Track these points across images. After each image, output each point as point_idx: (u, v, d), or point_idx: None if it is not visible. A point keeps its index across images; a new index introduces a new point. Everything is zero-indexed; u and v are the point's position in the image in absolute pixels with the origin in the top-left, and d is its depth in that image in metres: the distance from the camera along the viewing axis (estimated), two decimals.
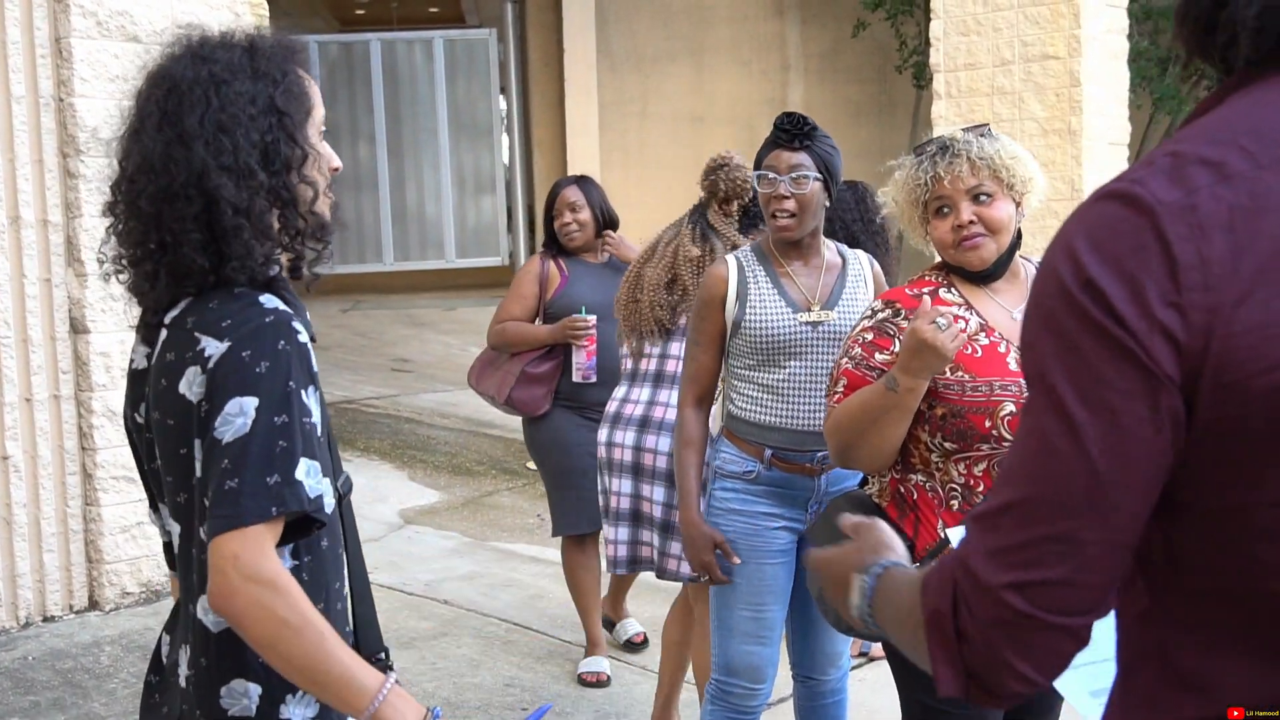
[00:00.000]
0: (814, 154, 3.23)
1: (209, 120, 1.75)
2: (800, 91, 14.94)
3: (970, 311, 2.69)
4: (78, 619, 5.08)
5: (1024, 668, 1.17)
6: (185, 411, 1.75)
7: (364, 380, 10.39)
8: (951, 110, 7.92)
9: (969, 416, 2.58)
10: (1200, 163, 1.12)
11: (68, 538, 5.10)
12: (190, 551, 1.80)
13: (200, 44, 1.82)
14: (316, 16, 19.61)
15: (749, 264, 3.30)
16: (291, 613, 1.65)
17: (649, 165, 14.68)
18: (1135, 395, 1.11)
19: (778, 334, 3.22)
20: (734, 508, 3.27)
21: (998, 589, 1.16)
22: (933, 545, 2.64)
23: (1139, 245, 1.11)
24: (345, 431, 8.53)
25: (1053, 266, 1.17)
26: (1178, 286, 1.09)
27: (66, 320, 5.08)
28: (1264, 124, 1.14)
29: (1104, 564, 1.15)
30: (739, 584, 3.25)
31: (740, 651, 3.27)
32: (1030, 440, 1.17)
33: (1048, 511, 1.15)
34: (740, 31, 14.81)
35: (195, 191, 1.75)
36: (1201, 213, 1.10)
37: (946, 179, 2.65)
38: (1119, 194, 1.14)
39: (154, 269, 1.80)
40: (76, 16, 4.98)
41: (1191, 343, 1.09)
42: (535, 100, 14.96)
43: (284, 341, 1.74)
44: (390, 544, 6.25)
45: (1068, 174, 7.51)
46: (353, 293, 14.94)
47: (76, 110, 4.99)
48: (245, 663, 1.78)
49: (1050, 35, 7.55)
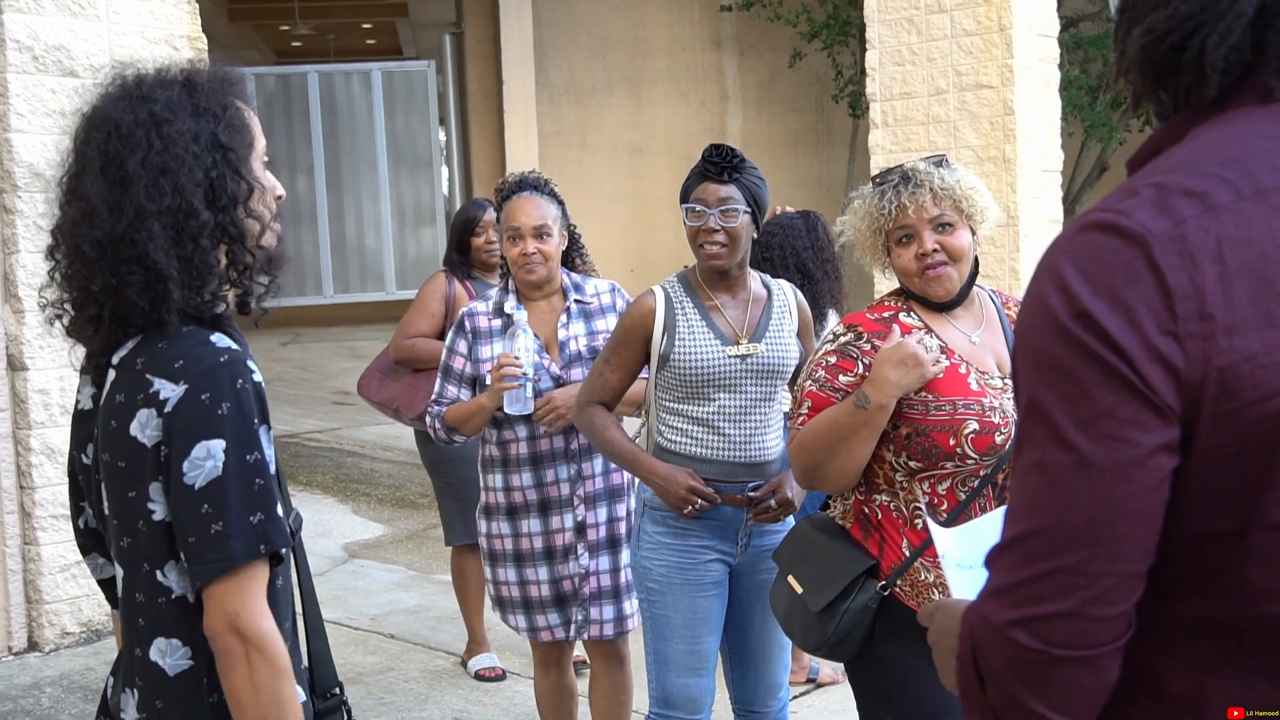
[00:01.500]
0: (742, 186, 3.22)
1: (150, 163, 1.74)
2: (739, 121, 15.06)
3: (931, 335, 2.75)
4: (17, 660, 5.00)
5: (1041, 707, 1.16)
6: (138, 454, 1.74)
7: (306, 414, 10.31)
8: (888, 139, 8.02)
9: (933, 435, 2.63)
10: (1184, 194, 1.13)
11: (6, 578, 5.02)
12: (134, 596, 1.79)
13: (137, 83, 1.81)
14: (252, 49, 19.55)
15: (677, 296, 3.31)
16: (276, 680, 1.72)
17: (590, 196, 14.70)
18: (1137, 424, 1.11)
19: (707, 368, 3.23)
20: (666, 541, 3.26)
21: (1004, 627, 1.16)
22: (897, 564, 2.68)
23: (1132, 275, 1.11)
24: (288, 466, 8.46)
25: (1041, 298, 1.16)
26: (1174, 316, 1.10)
27: (4, 357, 5.01)
28: (1238, 155, 1.15)
29: (1115, 594, 1.14)
30: (674, 618, 3.25)
31: (677, 684, 3.27)
32: (1031, 475, 1.16)
33: (1054, 544, 1.14)
34: (678, 63, 14.91)
35: (137, 235, 1.74)
36: (1191, 243, 1.11)
37: (910, 208, 2.72)
38: (1106, 225, 1.15)
39: (98, 312, 1.79)
40: (12, 51, 4.94)
41: (1190, 372, 1.10)
42: (475, 132, 14.96)
43: (241, 380, 1.75)
44: (335, 578, 6.20)
45: (1003, 201, 7.61)
46: (293, 326, 14.83)
47: (13, 146, 4.94)
48: (200, 705, 1.78)
49: (983, 65, 7.67)
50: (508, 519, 3.74)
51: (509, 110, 14.33)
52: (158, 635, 1.77)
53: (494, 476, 3.76)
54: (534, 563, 3.73)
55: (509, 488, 3.72)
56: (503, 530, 3.75)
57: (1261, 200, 1.13)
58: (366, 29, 19.31)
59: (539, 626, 3.77)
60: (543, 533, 3.71)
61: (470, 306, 3.81)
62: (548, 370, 3.67)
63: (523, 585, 3.74)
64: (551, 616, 3.74)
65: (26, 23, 4.97)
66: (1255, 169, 1.14)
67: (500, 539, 3.76)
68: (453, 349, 3.79)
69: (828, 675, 4.87)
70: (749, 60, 15.04)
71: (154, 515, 1.74)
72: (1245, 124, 1.18)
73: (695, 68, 14.97)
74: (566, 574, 3.70)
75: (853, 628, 2.69)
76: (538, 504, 3.70)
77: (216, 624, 1.71)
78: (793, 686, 4.76)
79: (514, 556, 3.74)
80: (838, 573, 2.71)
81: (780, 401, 3.37)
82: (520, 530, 3.72)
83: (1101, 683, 1.16)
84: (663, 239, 14.45)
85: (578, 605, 3.72)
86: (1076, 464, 1.12)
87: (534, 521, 3.71)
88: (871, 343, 2.72)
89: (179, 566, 1.76)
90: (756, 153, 15.07)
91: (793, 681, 4.77)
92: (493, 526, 3.78)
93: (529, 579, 3.73)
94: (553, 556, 3.71)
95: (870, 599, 2.68)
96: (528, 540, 3.72)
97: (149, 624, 1.77)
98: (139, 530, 1.75)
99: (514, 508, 3.72)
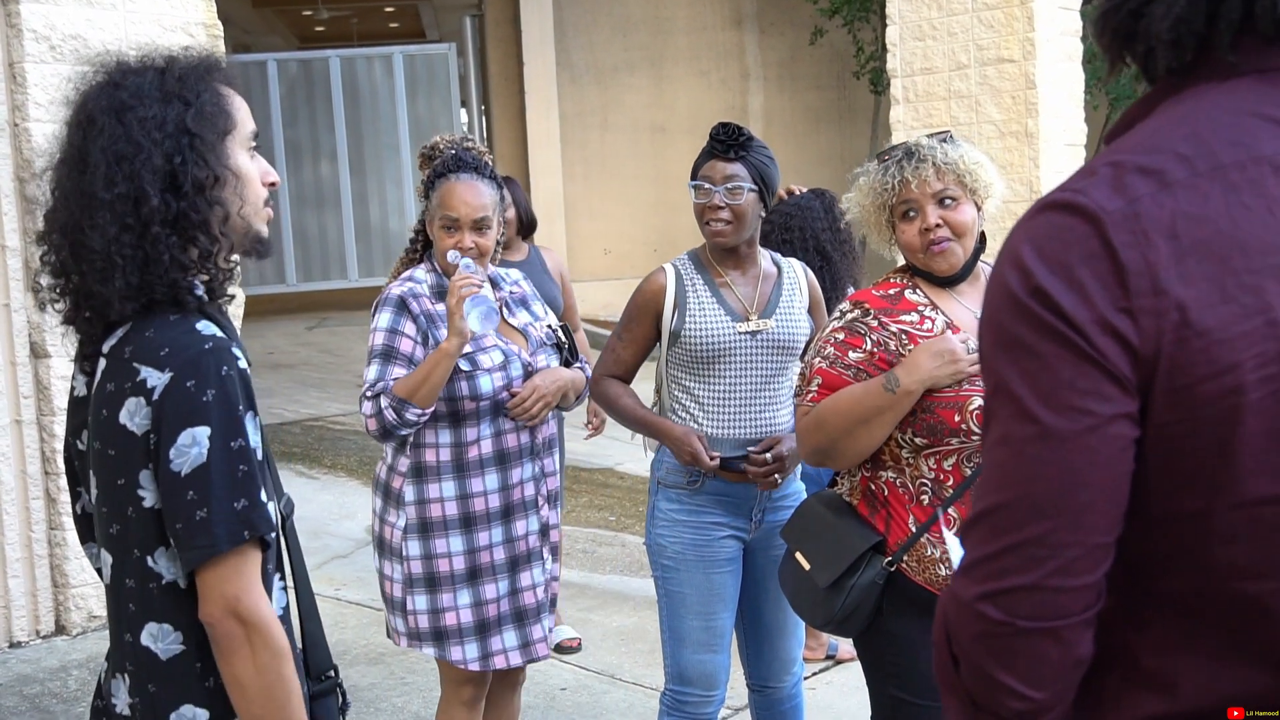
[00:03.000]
0: (749, 165, 3.24)
1: (108, 149, 1.75)
2: (760, 100, 15.02)
3: (935, 311, 2.76)
4: (45, 644, 5.05)
5: (1009, 680, 1.17)
6: (127, 442, 1.76)
7: (330, 398, 10.36)
8: (909, 115, 7.99)
9: (938, 411, 2.64)
10: (1139, 171, 1.14)
11: (33, 563, 5.08)
12: (124, 582, 1.81)
13: (114, 70, 1.82)
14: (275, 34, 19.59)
15: (687, 273, 3.33)
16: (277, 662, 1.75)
17: (611, 176, 14.72)
18: (1096, 394, 1.12)
19: (717, 343, 3.25)
20: (680, 519, 3.28)
21: (972, 602, 1.17)
22: (904, 540, 2.70)
23: (1087, 253, 1.12)
24: (312, 449, 8.51)
25: (1001, 277, 1.18)
26: (1127, 292, 1.11)
27: (27, 345, 5.06)
28: (1199, 132, 1.15)
29: (1081, 565, 1.15)
30: (689, 594, 3.27)
31: (693, 661, 3.29)
32: (997, 449, 1.18)
33: (1018, 517, 1.15)
34: (699, 41, 14.88)
35: (84, 222, 1.76)
36: (1145, 220, 1.11)
37: (914, 183, 2.73)
38: (1062, 204, 1.16)
39: (76, 299, 1.81)
40: (30, 41, 4.97)
41: (1144, 347, 1.11)
42: (496, 113, 14.97)
43: (226, 367, 1.76)
44: (358, 560, 6.24)
45: (1026, 176, 7.58)
46: (318, 310, 14.90)
47: (32, 135, 4.97)
48: (194, 688, 1.81)
49: (1005, 39, 7.62)
50: (461, 533, 3.22)
51: (530, 91, 14.34)
52: (149, 620, 1.79)
53: (437, 486, 3.22)
54: (494, 577, 3.24)
55: (465, 495, 3.21)
56: (452, 548, 3.21)
57: (1219, 177, 1.13)
58: (389, 12, 19.32)
59: (493, 651, 3.27)
60: (505, 541, 3.25)
61: (408, 288, 3.27)
62: (519, 357, 3.28)
63: (477, 607, 3.23)
64: (509, 637, 3.28)
65: (43, 12, 5.00)
66: (1215, 145, 1.14)
67: (446, 559, 3.22)
68: (395, 329, 3.22)
69: (846, 652, 4.88)
70: (770, 38, 14.99)
71: (144, 502, 1.77)
72: (1210, 99, 1.18)
73: (716, 46, 14.94)
74: (530, 584, 3.29)
75: (860, 603, 2.72)
76: (500, 510, 3.24)
77: (215, 610, 1.73)
78: (811, 663, 4.80)
79: (467, 575, 3.22)
80: (845, 549, 2.74)
81: (792, 377, 3.37)
82: (477, 544, 3.22)
83: (1070, 655, 1.17)
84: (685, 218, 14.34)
85: (549, 615, 3.37)
86: (1038, 435, 1.13)
87: (495, 530, 3.24)
88: (879, 319, 2.74)
89: (169, 552, 1.78)
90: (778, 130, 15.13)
91: (811, 658, 4.80)
92: (434, 545, 3.22)
93: (486, 598, 3.24)
94: (516, 566, 3.27)
95: (877, 575, 2.70)
96: (487, 554, 3.23)
97: (139, 609, 1.80)
98: (129, 517, 1.78)
99: (470, 518, 3.22)
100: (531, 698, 4.61)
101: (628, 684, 4.76)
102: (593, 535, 6.76)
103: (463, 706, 3.35)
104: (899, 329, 2.72)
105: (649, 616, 5.44)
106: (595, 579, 6.06)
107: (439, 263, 3.32)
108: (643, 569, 6.18)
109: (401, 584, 3.26)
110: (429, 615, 3.24)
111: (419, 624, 3.25)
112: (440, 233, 3.29)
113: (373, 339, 3.25)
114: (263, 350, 12.09)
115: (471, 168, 3.32)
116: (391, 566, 3.28)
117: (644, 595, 5.71)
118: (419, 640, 3.27)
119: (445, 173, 3.32)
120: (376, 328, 3.25)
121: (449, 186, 3.29)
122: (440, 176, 3.32)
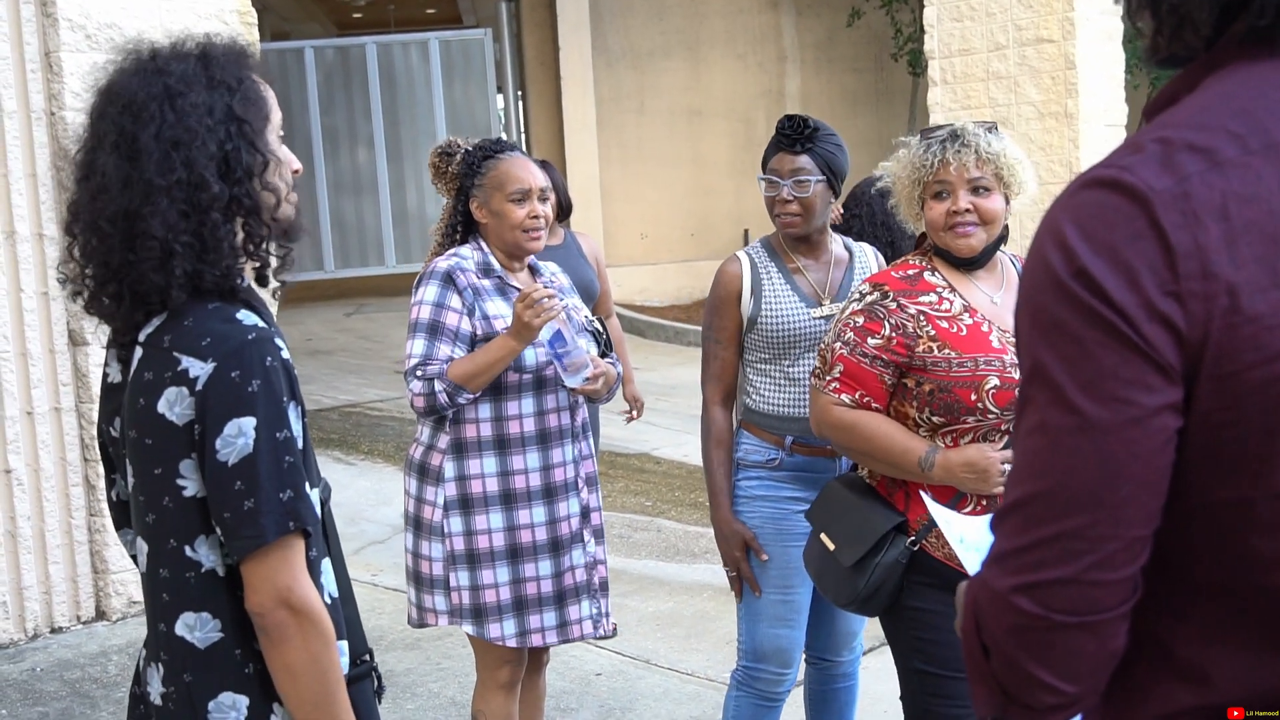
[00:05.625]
0: (816, 156, 3.27)
1: (163, 136, 1.75)
2: (797, 83, 14.94)
3: (953, 294, 2.80)
4: (85, 629, 5.11)
5: (1044, 674, 1.14)
6: (166, 432, 1.76)
7: (368, 384, 10.41)
8: (948, 97, 7.91)
9: (955, 391, 2.70)
10: (1189, 149, 1.09)
11: (73, 549, 5.12)
12: (159, 572, 1.81)
13: (153, 56, 1.81)
14: (313, 21, 19.65)
15: (760, 260, 3.36)
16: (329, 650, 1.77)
17: (647, 161, 14.68)
18: (1140, 384, 1.08)
19: (793, 328, 3.28)
20: (759, 494, 3.31)
21: (1006, 594, 1.13)
22: (923, 518, 2.75)
23: (1134, 233, 1.08)
24: (350, 435, 8.55)
25: (1042, 256, 1.13)
26: (1175, 275, 1.06)
27: (65, 333, 5.10)
28: (1249, 108, 1.11)
29: (1119, 559, 1.11)
30: (767, 568, 3.29)
31: (769, 635, 3.31)
32: (1032, 437, 1.13)
33: (1055, 508, 1.11)
34: (735, 24, 14.80)
35: (144, 210, 1.75)
36: (1195, 200, 1.07)
37: (953, 165, 2.77)
38: (1108, 181, 1.11)
39: (118, 289, 1.80)
40: (65, 30, 5.00)
41: (1191, 332, 1.07)
42: (532, 99, 14.97)
43: (270, 358, 1.76)
44: (395, 545, 6.25)
45: (1065, 157, 7.49)
46: (356, 296, 14.97)
47: (68, 124, 5.00)
48: (233, 676, 1.81)
49: (1043, 18, 7.53)
50: (502, 509, 3.26)
51: (566, 76, 14.31)
52: (185, 610, 1.79)
53: (478, 461, 3.26)
54: (534, 557, 3.29)
55: (506, 471, 3.26)
56: (491, 524, 3.26)
57: (1271, 155, 1.08)
58: None
59: (531, 629, 3.32)
60: (547, 522, 3.30)
61: (454, 262, 3.30)
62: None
63: (516, 584, 3.28)
64: (549, 616, 3.32)
65: (79, 1, 5.03)
66: (1267, 122, 1.10)
67: (486, 535, 3.26)
68: (441, 304, 3.23)
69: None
70: (806, 20, 14.90)
71: (184, 492, 1.77)
72: (1260, 74, 1.13)
73: (752, 29, 14.86)
74: (571, 565, 3.33)
75: (883, 582, 2.78)
76: (541, 490, 3.29)
77: (266, 600, 1.74)
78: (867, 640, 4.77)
79: (507, 553, 3.27)
80: (868, 530, 2.81)
81: None
82: (517, 521, 3.27)
83: (1106, 649, 1.14)
84: (722, 202, 14.40)
85: (589, 598, 3.39)
86: (1078, 426, 1.09)
87: (537, 510, 3.28)
88: (898, 301, 2.77)
89: (209, 541, 1.78)
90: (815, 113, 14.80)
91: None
92: (474, 522, 3.26)
93: (525, 575, 3.29)
94: (558, 548, 3.31)
95: (900, 554, 2.77)
96: (528, 532, 3.28)
97: (174, 599, 1.80)
98: (165, 506, 1.78)
99: (511, 495, 3.26)
100: (566, 683, 4.61)
101: (663, 669, 4.76)
102: (629, 520, 6.75)
103: (500, 690, 3.39)
104: (917, 310, 2.75)
105: (685, 601, 5.44)
106: (631, 564, 6.06)
107: (504, 238, 3.35)
108: (679, 554, 6.18)
109: (443, 561, 3.29)
110: (470, 591, 3.28)
111: (462, 600, 3.28)
112: (509, 206, 3.32)
113: (417, 312, 3.25)
114: (301, 337, 12.16)
115: (510, 147, 3.41)
116: (431, 545, 3.30)
117: (679, 580, 5.71)
118: (460, 617, 3.30)
119: (495, 152, 3.40)
120: (422, 301, 3.26)
121: (510, 161, 3.37)
122: (490, 157, 3.39)
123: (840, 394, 2.80)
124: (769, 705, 3.36)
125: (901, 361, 2.74)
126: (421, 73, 14.40)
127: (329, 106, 14.33)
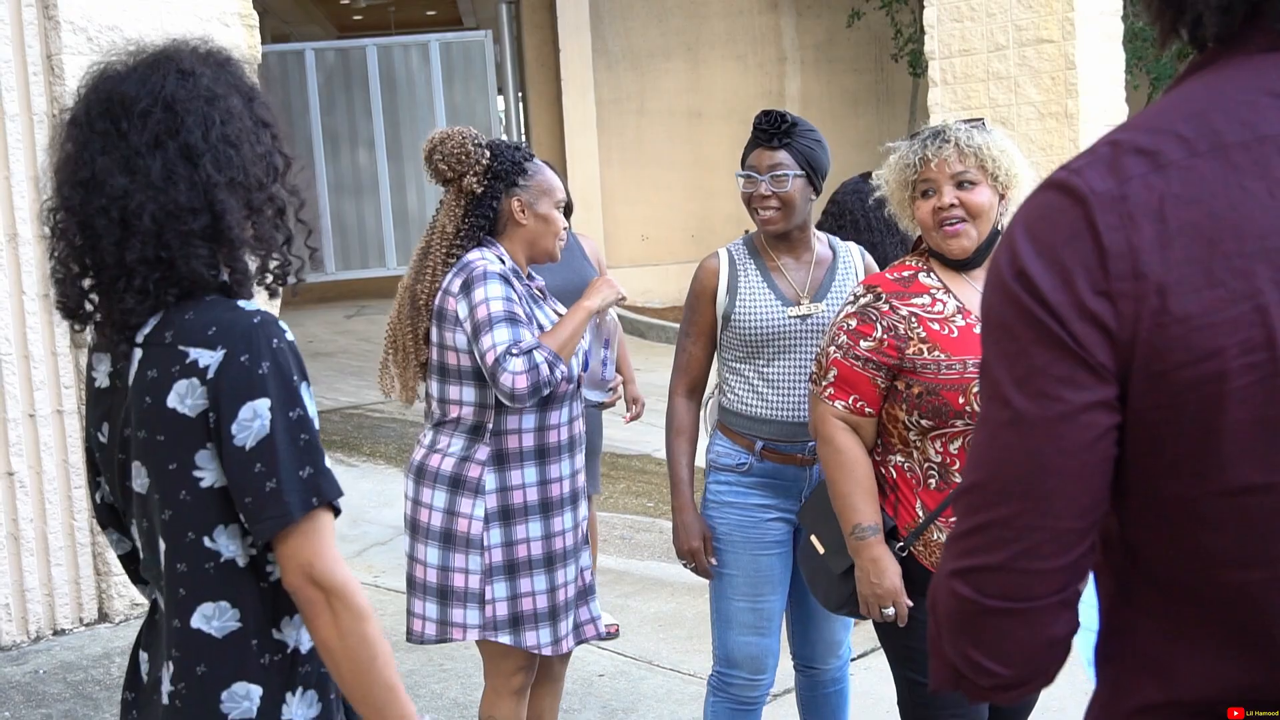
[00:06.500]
0: (794, 151, 3.25)
1: (214, 136, 1.78)
2: (797, 84, 14.94)
3: (948, 295, 2.80)
4: (88, 631, 5.11)
5: (977, 656, 1.18)
6: (177, 425, 1.76)
7: (369, 386, 10.41)
8: (948, 97, 7.92)
9: (943, 394, 2.70)
10: (1136, 152, 1.12)
11: (75, 551, 5.13)
12: (175, 567, 1.82)
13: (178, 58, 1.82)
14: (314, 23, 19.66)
15: (740, 258, 3.34)
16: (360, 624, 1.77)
17: (647, 162, 14.69)
18: (1069, 382, 1.12)
19: (767, 327, 3.26)
20: (728, 500, 3.29)
21: (947, 577, 1.19)
22: (913, 525, 2.75)
23: (1071, 235, 1.12)
24: (351, 437, 8.56)
25: (997, 256, 1.18)
26: (1107, 275, 1.10)
27: (67, 335, 5.11)
28: (1204, 110, 1.13)
29: (1047, 549, 1.14)
30: (736, 576, 3.27)
31: (739, 643, 3.30)
32: (977, 429, 1.20)
33: (989, 497, 1.16)
34: (735, 25, 14.81)
35: (201, 206, 1.77)
36: (1132, 202, 1.10)
37: (934, 162, 2.78)
38: (1058, 184, 1.15)
39: (142, 284, 1.79)
40: (67, 33, 5.01)
41: (1121, 331, 1.10)
42: (533, 100, 14.97)
43: (276, 340, 1.79)
44: (398, 546, 6.26)
45: (1065, 157, 7.38)
46: (357, 298, 14.97)
47: None
48: (248, 665, 1.82)
49: (1043, 19, 7.54)
50: (541, 518, 3.26)
51: (566, 78, 14.32)
52: (203, 601, 1.80)
53: (519, 472, 3.24)
54: (564, 563, 3.31)
55: (545, 480, 3.27)
56: (530, 534, 3.25)
57: (1219, 156, 1.10)
58: (426, 0, 19.35)
59: (561, 636, 3.32)
60: (574, 527, 3.34)
61: (501, 268, 3.23)
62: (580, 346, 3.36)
63: (552, 592, 3.28)
64: (570, 620, 3.35)
65: (80, 4, 5.04)
66: (1219, 124, 1.11)
67: (525, 544, 3.25)
68: (508, 298, 3.16)
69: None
70: (806, 21, 14.91)
71: (201, 483, 1.78)
72: (1228, 75, 1.15)
73: (752, 30, 14.87)
74: (581, 568, 3.40)
75: None
76: (570, 495, 3.32)
77: (294, 579, 1.76)
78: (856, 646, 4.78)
79: (544, 560, 3.27)
80: None
81: None
82: (553, 529, 3.28)
83: (1040, 636, 1.17)
84: (723, 204, 14.40)
85: (593, 599, 3.46)
86: (1010, 420, 1.14)
87: (568, 516, 3.32)
88: (890, 303, 2.78)
89: (228, 530, 1.80)
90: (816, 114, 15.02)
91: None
92: (515, 532, 3.24)
93: (559, 582, 3.29)
94: (578, 552, 3.36)
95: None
96: (560, 539, 3.29)
97: (190, 592, 1.81)
98: (182, 500, 1.78)
99: (549, 503, 3.27)
100: (569, 684, 4.61)
101: (665, 670, 4.77)
102: (630, 521, 6.76)
103: (512, 695, 3.36)
104: (909, 312, 2.76)
105: (686, 603, 5.44)
106: (633, 565, 6.07)
107: (539, 243, 3.36)
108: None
109: (480, 575, 3.23)
110: (507, 603, 3.25)
111: (496, 613, 3.25)
112: (554, 213, 3.37)
113: (486, 308, 3.13)
114: (302, 339, 12.16)
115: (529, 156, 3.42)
116: (468, 558, 3.24)
117: (681, 581, 5.71)
118: (494, 629, 3.25)
119: (531, 157, 3.41)
120: (489, 297, 3.14)
121: (548, 172, 3.43)
122: (529, 159, 3.39)
123: (835, 400, 2.80)
124: (745, 710, 3.35)
125: (893, 363, 2.74)
126: (422, 74, 14.39)
127: (329, 108, 14.32)
